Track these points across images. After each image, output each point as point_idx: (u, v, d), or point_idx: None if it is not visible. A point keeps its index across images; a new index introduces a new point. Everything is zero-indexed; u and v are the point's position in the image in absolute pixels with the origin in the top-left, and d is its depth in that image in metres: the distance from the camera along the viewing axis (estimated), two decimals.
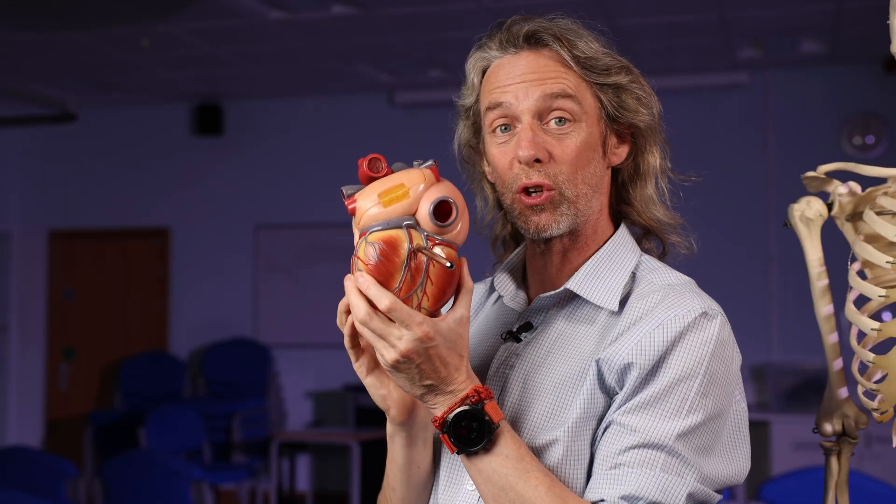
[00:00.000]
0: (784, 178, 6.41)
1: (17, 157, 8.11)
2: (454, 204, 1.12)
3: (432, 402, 1.12)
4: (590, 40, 1.24)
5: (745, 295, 6.29)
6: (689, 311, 1.16)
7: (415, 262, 1.08)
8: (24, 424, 8.02)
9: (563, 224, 1.22)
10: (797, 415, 5.81)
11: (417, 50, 6.09)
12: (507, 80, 1.23)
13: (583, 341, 1.22)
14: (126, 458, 4.45)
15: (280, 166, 7.51)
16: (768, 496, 3.35)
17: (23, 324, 8.09)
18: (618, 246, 1.27)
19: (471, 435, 1.11)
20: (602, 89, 1.23)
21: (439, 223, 1.11)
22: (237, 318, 7.55)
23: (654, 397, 1.13)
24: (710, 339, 1.16)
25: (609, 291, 1.23)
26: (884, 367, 1.38)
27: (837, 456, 1.48)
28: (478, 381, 1.15)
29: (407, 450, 1.24)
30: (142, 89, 7.25)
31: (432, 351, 1.09)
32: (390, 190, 1.11)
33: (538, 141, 1.20)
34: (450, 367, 1.11)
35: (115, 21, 5.42)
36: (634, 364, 1.14)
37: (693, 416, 1.13)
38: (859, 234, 1.42)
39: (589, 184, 1.23)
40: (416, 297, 1.09)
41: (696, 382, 1.14)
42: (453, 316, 1.11)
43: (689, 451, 1.13)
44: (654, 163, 1.29)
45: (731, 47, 6.02)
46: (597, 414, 1.17)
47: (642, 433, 1.12)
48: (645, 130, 1.27)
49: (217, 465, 6.58)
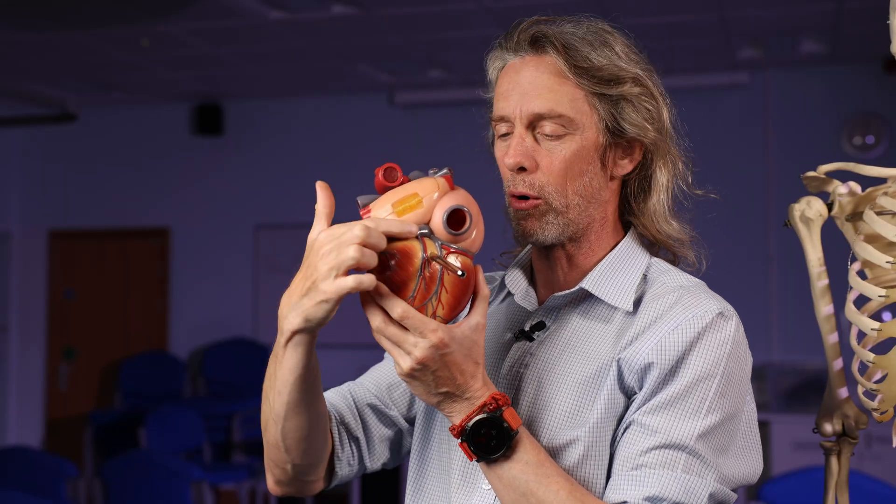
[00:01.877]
0: (784, 178, 6.41)
1: (17, 157, 8.11)
2: (468, 212, 1.12)
3: (449, 410, 1.12)
4: (600, 48, 1.22)
5: (745, 295, 6.28)
6: (707, 311, 1.18)
7: (429, 271, 1.09)
8: (24, 424, 8.02)
9: (548, 232, 1.23)
10: (797, 415, 5.81)
11: (417, 50, 6.09)
12: (508, 88, 1.24)
13: (599, 340, 1.22)
14: (126, 458, 4.45)
15: (280, 166, 7.51)
16: (768, 496, 3.35)
17: (23, 324, 8.09)
18: (628, 249, 1.28)
19: (490, 443, 1.11)
20: (603, 100, 1.22)
21: (453, 231, 1.11)
22: (237, 318, 7.55)
23: (674, 397, 1.14)
24: (727, 339, 1.17)
25: (623, 292, 1.24)
26: (884, 367, 1.38)
27: (837, 456, 1.48)
28: (494, 387, 1.14)
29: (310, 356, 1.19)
30: (142, 89, 7.25)
31: (448, 358, 1.09)
32: (404, 199, 1.12)
33: (524, 150, 1.21)
34: (466, 374, 1.11)
35: (115, 21, 5.42)
36: (655, 364, 1.15)
37: (712, 415, 1.14)
38: (859, 234, 1.42)
39: (582, 195, 1.23)
40: (431, 305, 1.09)
41: (714, 382, 1.15)
42: (468, 323, 1.11)
43: (708, 452, 1.14)
44: (663, 179, 1.27)
45: (731, 47, 6.02)
46: (616, 414, 1.18)
47: (663, 433, 1.13)
48: (651, 146, 1.25)
49: (217, 465, 6.58)
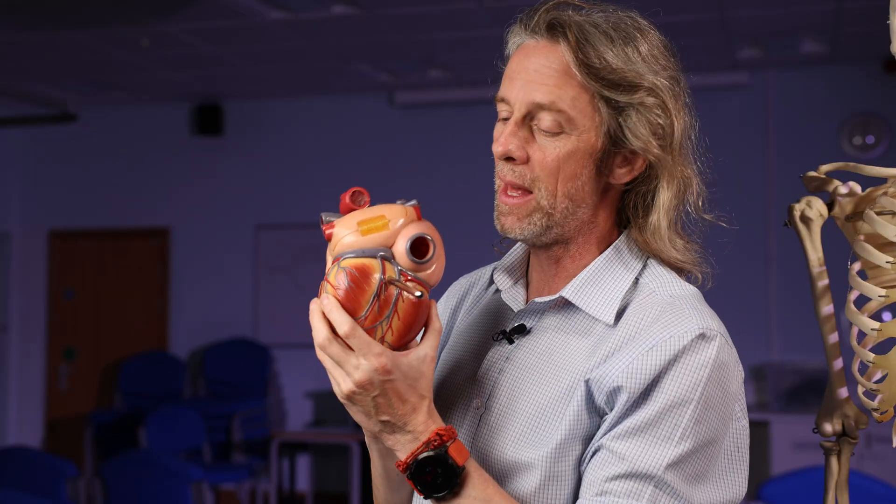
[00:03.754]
0: (784, 178, 6.40)
1: (17, 157, 8.11)
2: (432, 242, 1.09)
3: (391, 441, 1.09)
4: (621, 46, 1.13)
5: (745, 295, 6.29)
6: (686, 332, 1.10)
7: (384, 294, 1.05)
8: (24, 424, 8.02)
9: (527, 231, 1.16)
10: (797, 415, 5.81)
11: (417, 50, 6.09)
12: (515, 71, 1.16)
13: (574, 354, 1.16)
14: (126, 458, 4.46)
15: (280, 166, 7.51)
16: (768, 496, 3.35)
17: (23, 324, 8.09)
18: (618, 253, 1.20)
19: (436, 480, 1.07)
20: (609, 104, 1.14)
21: (416, 259, 1.08)
22: (237, 318, 7.55)
23: (645, 423, 1.08)
24: (706, 362, 1.09)
25: (605, 302, 1.16)
26: (884, 367, 1.38)
27: (837, 456, 1.48)
28: (439, 421, 1.10)
29: (382, 460, 1.23)
30: (142, 89, 7.25)
31: (388, 385, 1.05)
32: (371, 220, 1.09)
33: (516, 139, 1.15)
34: (407, 405, 1.07)
35: (115, 21, 5.42)
36: (623, 388, 1.09)
37: (685, 443, 1.08)
38: (859, 234, 1.41)
39: (571, 198, 1.16)
40: (381, 329, 1.06)
41: (689, 409, 1.08)
42: (417, 354, 1.07)
43: (679, 482, 1.07)
44: (665, 199, 1.17)
45: (731, 47, 6.02)
46: (583, 435, 1.12)
47: (630, 461, 1.07)
48: (656, 163, 1.16)
49: (217, 465, 6.58)
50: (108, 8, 5.16)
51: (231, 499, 6.98)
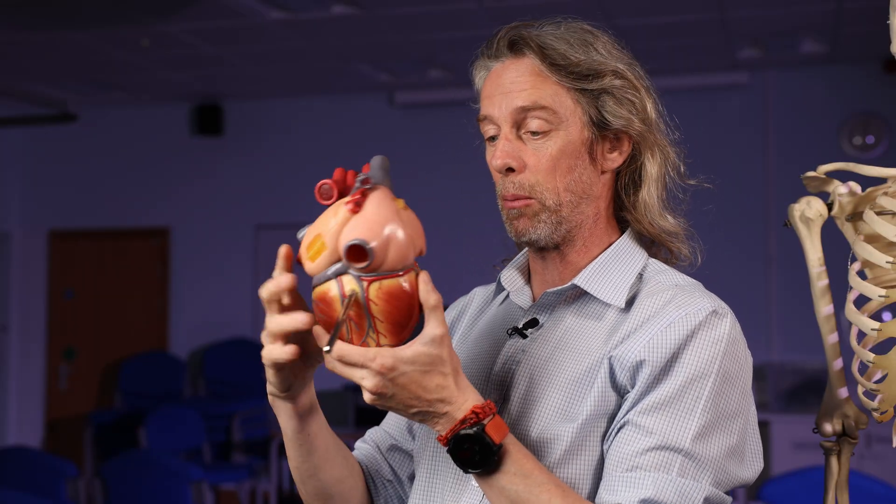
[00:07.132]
0: (784, 178, 6.40)
1: (17, 157, 8.11)
2: (364, 245, 1.02)
3: (432, 424, 1.10)
4: (578, 46, 1.22)
5: (745, 295, 6.29)
6: (700, 309, 1.17)
7: (354, 310, 1.04)
8: (24, 424, 8.02)
9: (540, 230, 1.23)
10: (797, 415, 5.81)
11: (417, 50, 6.09)
12: (492, 91, 1.24)
13: (591, 337, 1.21)
14: (126, 458, 4.45)
15: (280, 166, 7.51)
16: (768, 496, 3.35)
17: (23, 324, 8.09)
18: (624, 247, 1.28)
19: (474, 458, 1.08)
20: (585, 95, 1.22)
21: (358, 267, 1.03)
22: (237, 318, 7.55)
23: (669, 397, 1.13)
24: (721, 337, 1.16)
25: (616, 289, 1.23)
26: (884, 367, 1.38)
27: (837, 456, 1.48)
28: (477, 397, 1.10)
29: (292, 421, 1.22)
30: (142, 89, 7.25)
31: (401, 380, 1.05)
32: (311, 244, 1.08)
33: (510, 150, 1.22)
34: (430, 390, 1.07)
35: (115, 21, 5.42)
36: (647, 361, 1.14)
37: (707, 415, 1.13)
38: (859, 234, 1.41)
39: (573, 191, 1.23)
40: (372, 339, 1.05)
41: (709, 381, 1.14)
42: (422, 339, 1.06)
43: (705, 453, 1.12)
44: (652, 170, 1.27)
45: (731, 47, 6.02)
46: (607, 412, 1.16)
47: (658, 435, 1.12)
48: (638, 137, 1.25)
49: (217, 465, 6.58)
50: (108, 8, 5.16)
51: (231, 499, 6.98)
